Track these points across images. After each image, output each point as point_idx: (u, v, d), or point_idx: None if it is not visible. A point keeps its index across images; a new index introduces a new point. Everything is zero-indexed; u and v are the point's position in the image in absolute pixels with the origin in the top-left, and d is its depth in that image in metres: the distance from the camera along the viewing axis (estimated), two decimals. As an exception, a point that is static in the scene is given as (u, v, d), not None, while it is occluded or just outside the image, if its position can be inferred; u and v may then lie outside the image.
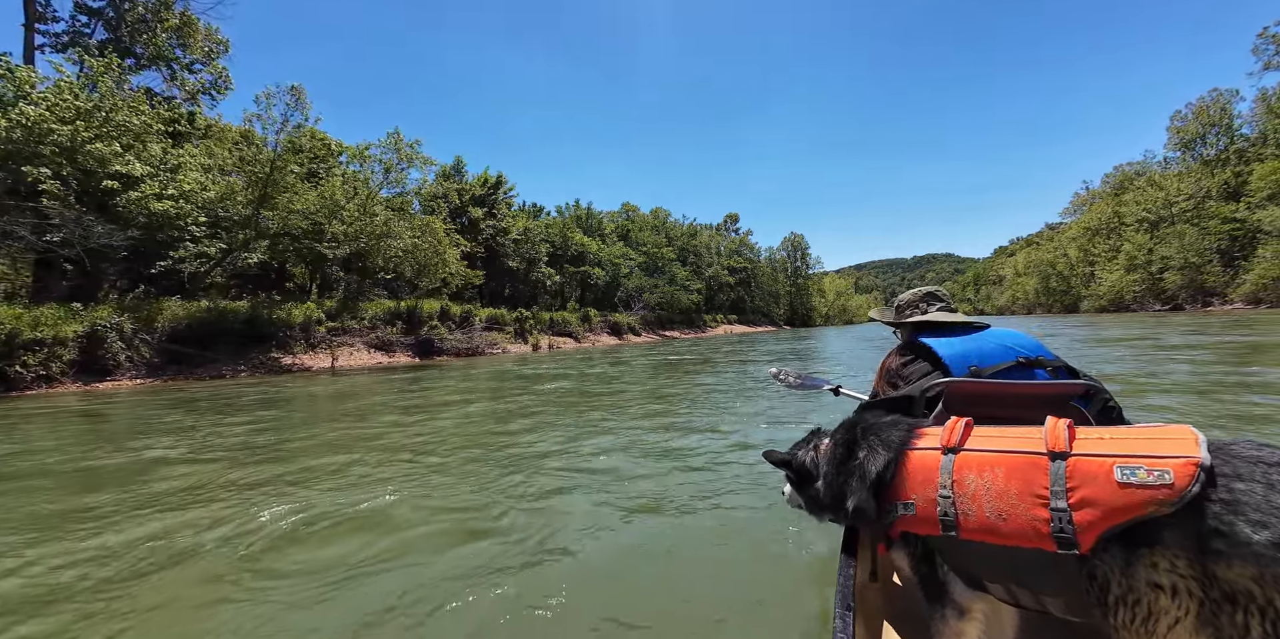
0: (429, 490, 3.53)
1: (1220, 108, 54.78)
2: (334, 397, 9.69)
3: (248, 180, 17.53)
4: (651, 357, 19.04)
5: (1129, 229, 59.42)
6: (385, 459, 4.46)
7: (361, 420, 6.63)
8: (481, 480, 3.74)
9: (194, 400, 9.40)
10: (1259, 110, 51.55)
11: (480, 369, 15.71)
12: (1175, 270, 48.17)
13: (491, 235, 30.77)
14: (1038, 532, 0.92)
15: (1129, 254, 55.30)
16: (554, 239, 37.89)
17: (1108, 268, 61.04)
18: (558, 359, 19.52)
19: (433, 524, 2.91)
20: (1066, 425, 1.01)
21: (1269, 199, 39.76)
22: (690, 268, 57.23)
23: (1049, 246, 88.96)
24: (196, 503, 3.46)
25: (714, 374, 11.51)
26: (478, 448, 4.81)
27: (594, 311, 35.78)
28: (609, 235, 49.32)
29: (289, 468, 4.24)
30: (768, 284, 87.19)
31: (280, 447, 5.14)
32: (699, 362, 15.57)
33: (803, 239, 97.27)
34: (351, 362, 18.65)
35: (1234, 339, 12.73)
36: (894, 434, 1.21)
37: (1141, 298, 53.35)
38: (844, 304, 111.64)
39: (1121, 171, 71.48)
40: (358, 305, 21.02)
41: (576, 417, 6.50)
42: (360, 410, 7.57)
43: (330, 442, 5.33)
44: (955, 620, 1.10)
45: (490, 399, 8.44)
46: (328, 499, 3.37)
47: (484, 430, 5.71)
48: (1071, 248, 74.59)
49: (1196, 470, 0.82)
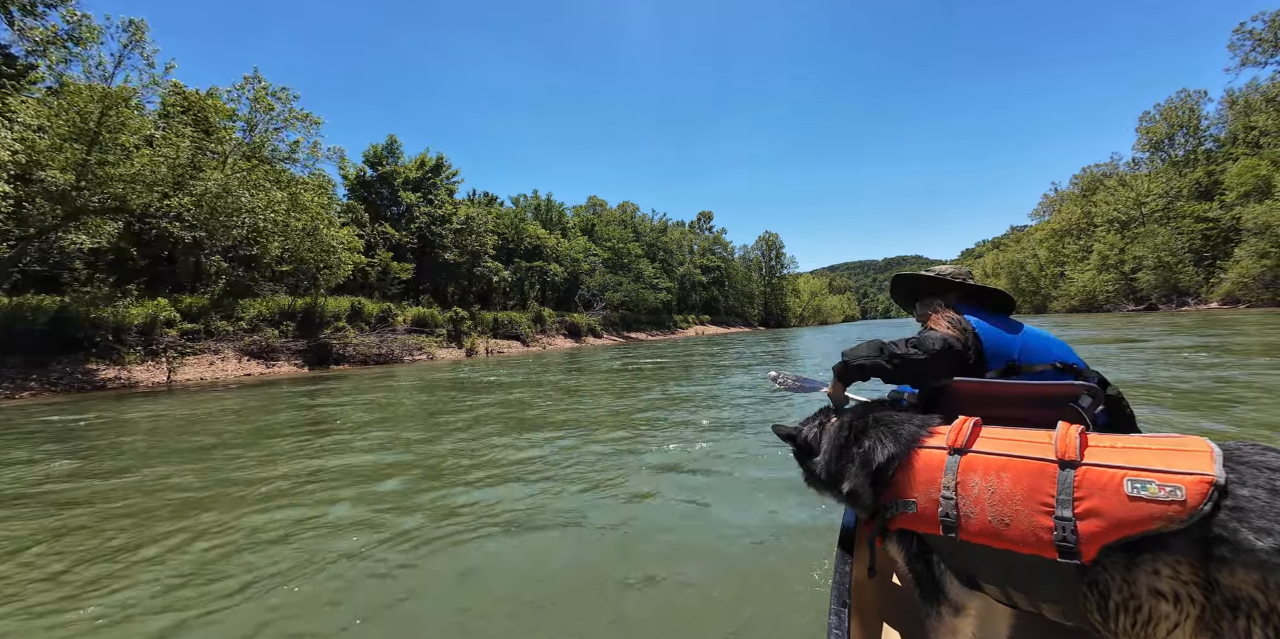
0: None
1: (1189, 109, 54.92)
2: (138, 427, 6.01)
3: (57, 141, 13.38)
4: (607, 363, 15.70)
5: (1099, 229, 59.35)
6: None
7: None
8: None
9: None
10: (1226, 111, 51.80)
11: (381, 382, 12.12)
12: (1149, 270, 47.58)
13: (427, 224, 26.89)
14: (1040, 539, 0.91)
15: (1101, 253, 54.93)
16: (504, 231, 34.05)
17: (1078, 268, 60.84)
18: (497, 366, 16.24)
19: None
20: (1079, 432, 0.99)
21: (1244, 197, 38.98)
22: (659, 265, 53.98)
23: (1016, 248, 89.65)
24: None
25: (689, 384, 8.28)
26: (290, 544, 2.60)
27: (548, 312, 32.22)
28: (571, 230, 45.73)
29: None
30: (742, 284, 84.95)
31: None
32: (663, 369, 12.30)
33: (777, 238, 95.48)
34: (210, 373, 14.71)
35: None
36: (906, 429, 1.20)
37: (1115, 298, 52.90)
38: (818, 304, 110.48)
39: (1090, 173, 71.85)
40: (234, 303, 17.05)
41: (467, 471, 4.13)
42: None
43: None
44: (950, 617, 1.10)
45: (356, 432, 5.95)
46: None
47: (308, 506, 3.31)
48: (1041, 249, 74.86)
49: (1210, 489, 0.80)
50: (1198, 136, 54.03)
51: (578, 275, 39.10)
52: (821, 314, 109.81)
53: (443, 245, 27.01)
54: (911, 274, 1.84)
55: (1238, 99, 50.52)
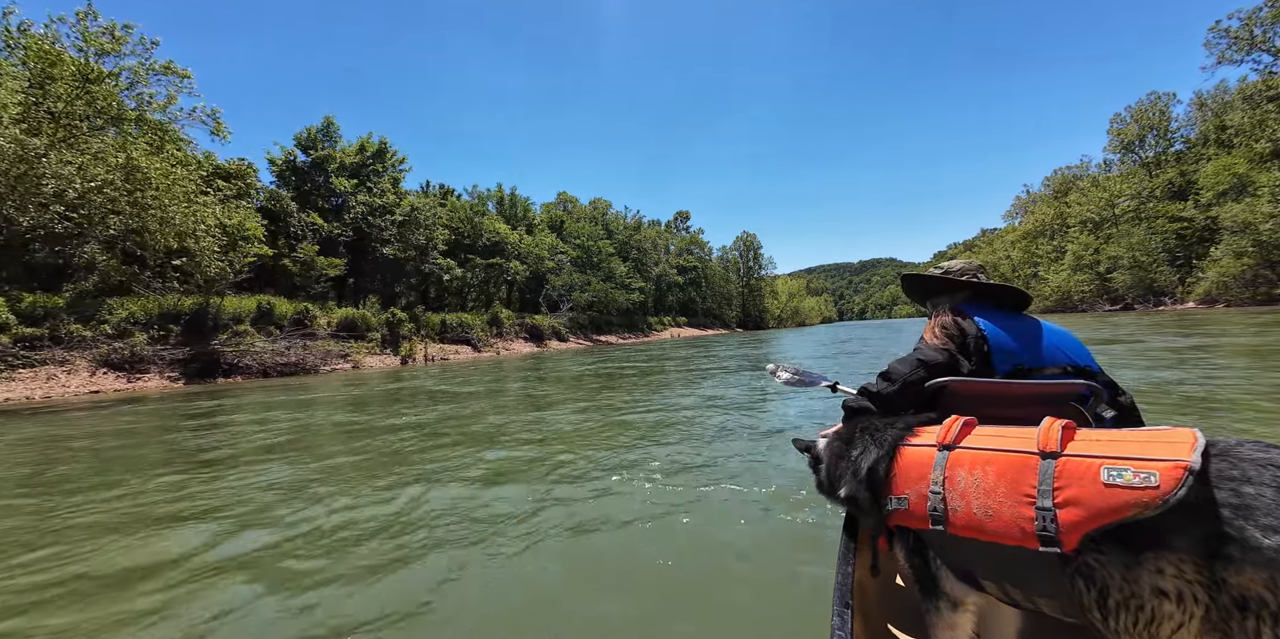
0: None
1: (1159, 111, 55.45)
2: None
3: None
4: (555, 372, 13.14)
5: (1072, 230, 59.63)
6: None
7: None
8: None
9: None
10: (1194, 113, 52.38)
11: (272, 398, 9.35)
12: (1124, 270, 47.36)
13: (364, 214, 23.87)
14: (1022, 529, 0.92)
15: (1076, 254, 54.90)
16: (459, 225, 31.08)
17: (1052, 269, 60.93)
18: (435, 376, 13.60)
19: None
20: (1062, 426, 1.00)
21: (1220, 196, 38.64)
22: (632, 264, 51.53)
23: (988, 250, 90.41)
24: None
25: (650, 407, 5.82)
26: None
27: (507, 313, 29.47)
28: (538, 226, 42.97)
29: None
30: (720, 285, 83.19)
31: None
32: (622, 377, 9.82)
33: (755, 238, 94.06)
34: (47, 390, 11.68)
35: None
36: (889, 434, 1.23)
37: (1090, 298, 52.80)
38: (796, 306, 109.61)
39: (1061, 174, 72.53)
40: (100, 303, 13.97)
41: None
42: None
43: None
44: (949, 613, 1.11)
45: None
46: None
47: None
48: (1014, 250, 75.29)
49: (1184, 474, 0.80)
50: (1167, 138, 54.56)
51: (542, 274, 36.32)
52: (800, 315, 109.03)
53: (383, 239, 23.98)
54: (917, 275, 1.77)
55: (1206, 101, 51.21)
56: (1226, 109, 46.84)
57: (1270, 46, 36.03)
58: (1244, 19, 37.03)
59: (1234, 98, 41.56)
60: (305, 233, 22.54)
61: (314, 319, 18.32)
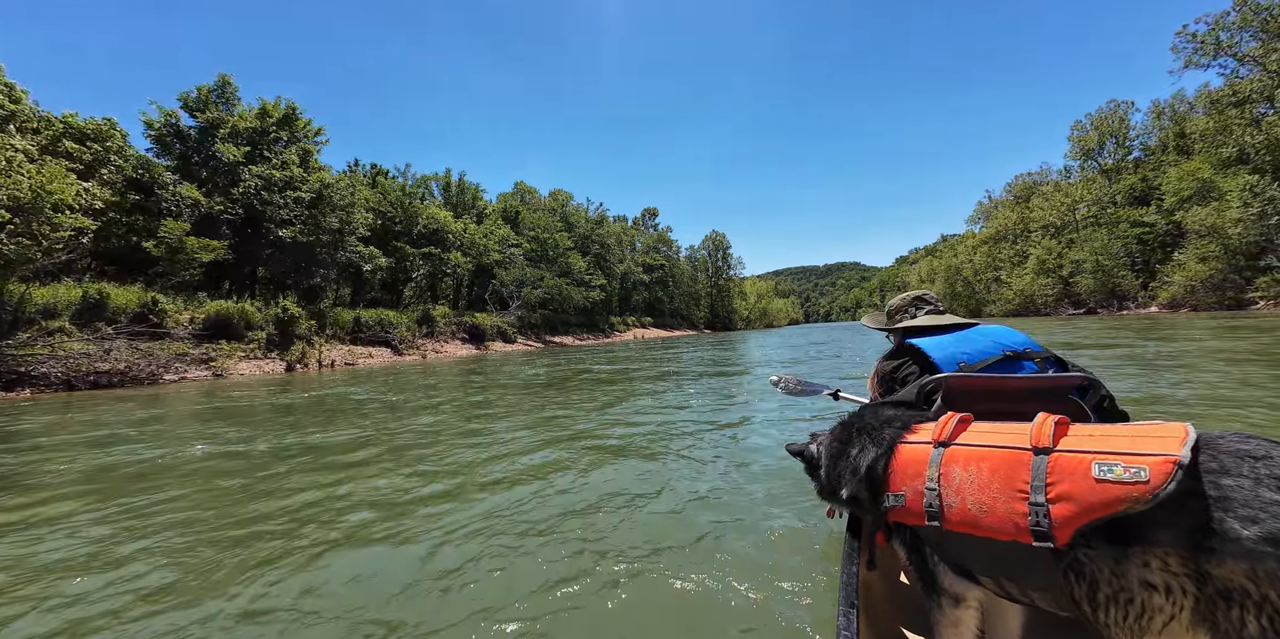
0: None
1: (1119, 118, 56.44)
2: None
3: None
4: (486, 380, 9.80)
5: (1035, 234, 60.42)
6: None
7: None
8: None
9: None
10: (1151, 121, 53.45)
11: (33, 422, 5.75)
12: (1087, 274, 47.49)
13: (258, 189, 19.80)
14: (1016, 525, 0.93)
15: (1039, 258, 55.28)
16: (388, 210, 27.06)
17: (1015, 273, 61.54)
18: (324, 386, 10.55)
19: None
20: (1055, 421, 1.01)
21: (1184, 201, 38.57)
22: (593, 260, 48.20)
23: (950, 253, 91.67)
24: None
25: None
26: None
27: (441, 310, 25.75)
28: (490, 215, 39.16)
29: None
30: (688, 284, 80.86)
31: None
32: (559, 387, 6.63)
33: (724, 238, 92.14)
34: None
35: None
36: (885, 432, 1.23)
37: (1053, 302, 53.08)
38: (765, 307, 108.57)
39: (1023, 180, 73.77)
40: None
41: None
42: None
43: None
44: (951, 609, 1.11)
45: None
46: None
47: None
48: (977, 254, 76.27)
49: (1174, 469, 0.81)
50: (1126, 146, 55.58)
51: (490, 268, 32.58)
52: (768, 317, 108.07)
53: (280, 219, 19.92)
54: (865, 325, 2.10)
55: (1164, 110, 52.21)
56: (1184, 118, 47.67)
57: (1236, 52, 35.93)
58: (1211, 24, 36.94)
59: (1198, 101, 41.86)
60: (180, 209, 18.39)
61: (165, 314, 14.37)
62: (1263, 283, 29.96)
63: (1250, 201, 31.09)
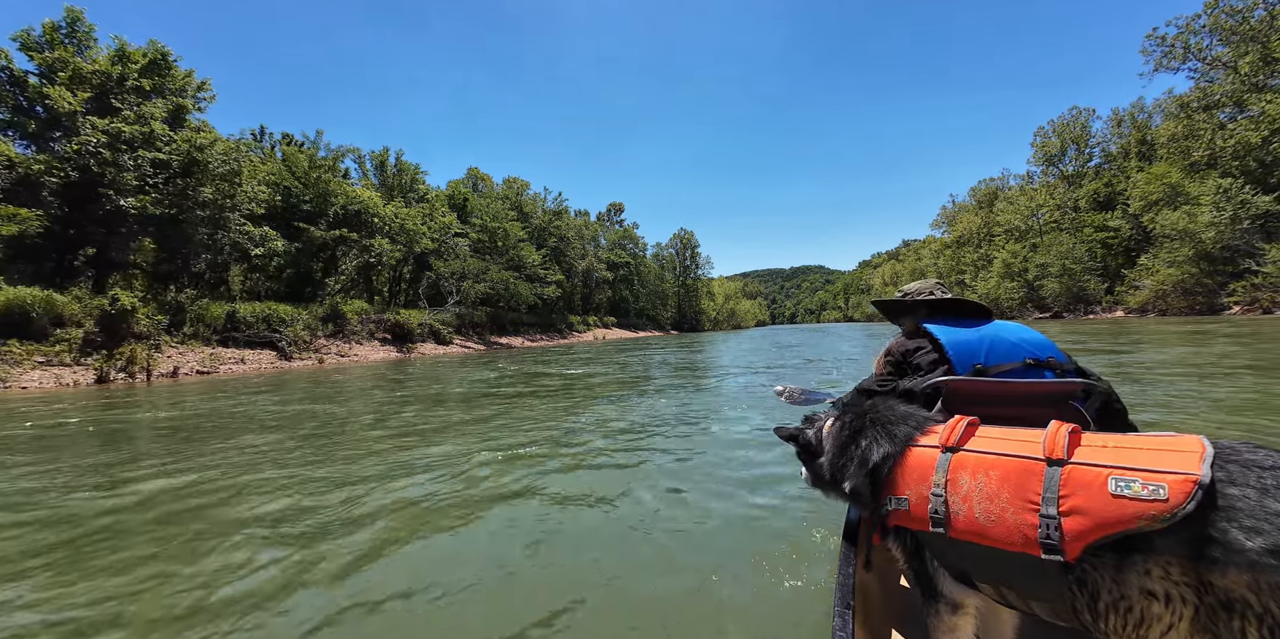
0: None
1: (1081, 125, 56.95)
2: None
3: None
4: (390, 395, 6.18)
5: (999, 238, 60.52)
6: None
7: None
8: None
9: None
10: (1111, 129, 54.08)
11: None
12: (1053, 278, 47.14)
13: (99, 146, 15.38)
14: (1025, 536, 0.91)
15: (1005, 262, 55.00)
16: (292, 185, 22.72)
17: (979, 276, 61.49)
18: (112, 409, 6.30)
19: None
20: (1069, 431, 0.99)
21: (1151, 205, 38.18)
22: (549, 253, 44.43)
23: (913, 258, 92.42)
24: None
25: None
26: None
27: (354, 306, 21.71)
28: (435, 201, 34.96)
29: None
30: (654, 284, 77.90)
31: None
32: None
33: (693, 236, 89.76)
34: None
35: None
36: (901, 429, 1.20)
37: (1019, 306, 52.81)
38: (733, 308, 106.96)
39: (986, 185, 74.36)
40: None
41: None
42: None
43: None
44: (949, 615, 1.10)
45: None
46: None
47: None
48: (941, 258, 76.60)
49: (1194, 488, 0.79)
50: (1087, 152, 56.16)
51: (425, 258, 28.49)
52: (736, 318, 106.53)
53: (124, 185, 15.53)
54: (881, 301, 2.00)
55: (1124, 117, 52.86)
56: (1145, 125, 48.15)
57: (1205, 56, 35.57)
58: (1180, 27, 36.58)
59: (1155, 108, 41.96)
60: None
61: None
62: (1238, 287, 29.18)
63: (1223, 205, 30.46)
